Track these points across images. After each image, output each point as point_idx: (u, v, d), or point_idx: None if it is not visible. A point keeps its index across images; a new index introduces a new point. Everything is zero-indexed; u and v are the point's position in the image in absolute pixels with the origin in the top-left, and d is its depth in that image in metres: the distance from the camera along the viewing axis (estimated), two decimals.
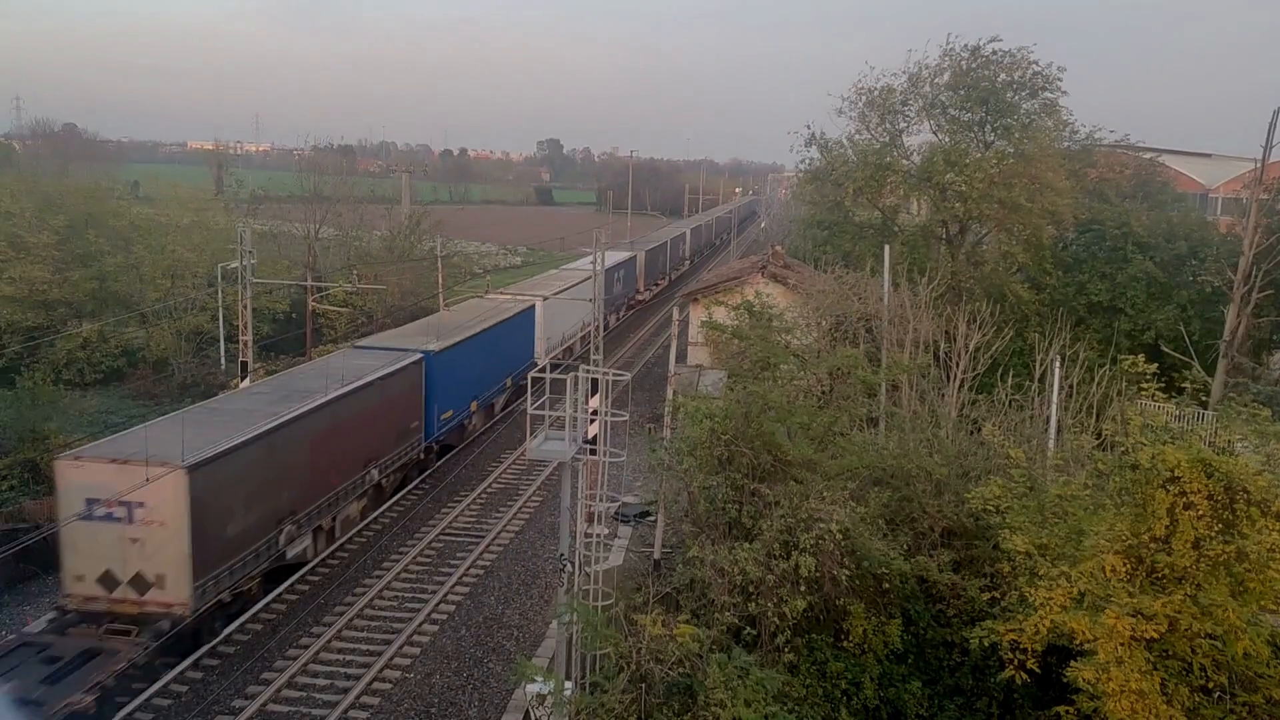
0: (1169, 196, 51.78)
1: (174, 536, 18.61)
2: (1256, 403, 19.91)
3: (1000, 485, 16.41)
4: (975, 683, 16.42)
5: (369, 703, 18.36)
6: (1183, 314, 36.23)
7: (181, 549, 18.68)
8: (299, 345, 39.79)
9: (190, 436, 19.16)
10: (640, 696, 13.81)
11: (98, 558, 18.75)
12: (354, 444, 25.36)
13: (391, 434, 27.71)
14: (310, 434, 23.03)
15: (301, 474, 22.85)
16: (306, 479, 23.10)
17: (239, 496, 20.37)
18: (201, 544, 19.01)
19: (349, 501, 25.67)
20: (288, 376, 27.06)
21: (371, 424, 26.23)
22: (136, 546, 18.67)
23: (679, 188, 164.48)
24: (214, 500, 19.38)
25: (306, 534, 23.53)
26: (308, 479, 23.15)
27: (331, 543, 25.13)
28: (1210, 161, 68.27)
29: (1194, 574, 12.46)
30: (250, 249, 30.06)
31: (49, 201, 44.36)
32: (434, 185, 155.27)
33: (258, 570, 21.51)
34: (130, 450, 18.67)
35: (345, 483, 25.19)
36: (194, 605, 18.99)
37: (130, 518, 18.50)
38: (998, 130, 39.06)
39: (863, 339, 29.56)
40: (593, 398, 17.30)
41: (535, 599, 23.10)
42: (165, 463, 18.29)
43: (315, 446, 23.27)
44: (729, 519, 17.23)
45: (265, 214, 58.68)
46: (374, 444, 26.59)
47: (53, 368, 36.19)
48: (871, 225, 42.94)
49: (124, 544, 18.68)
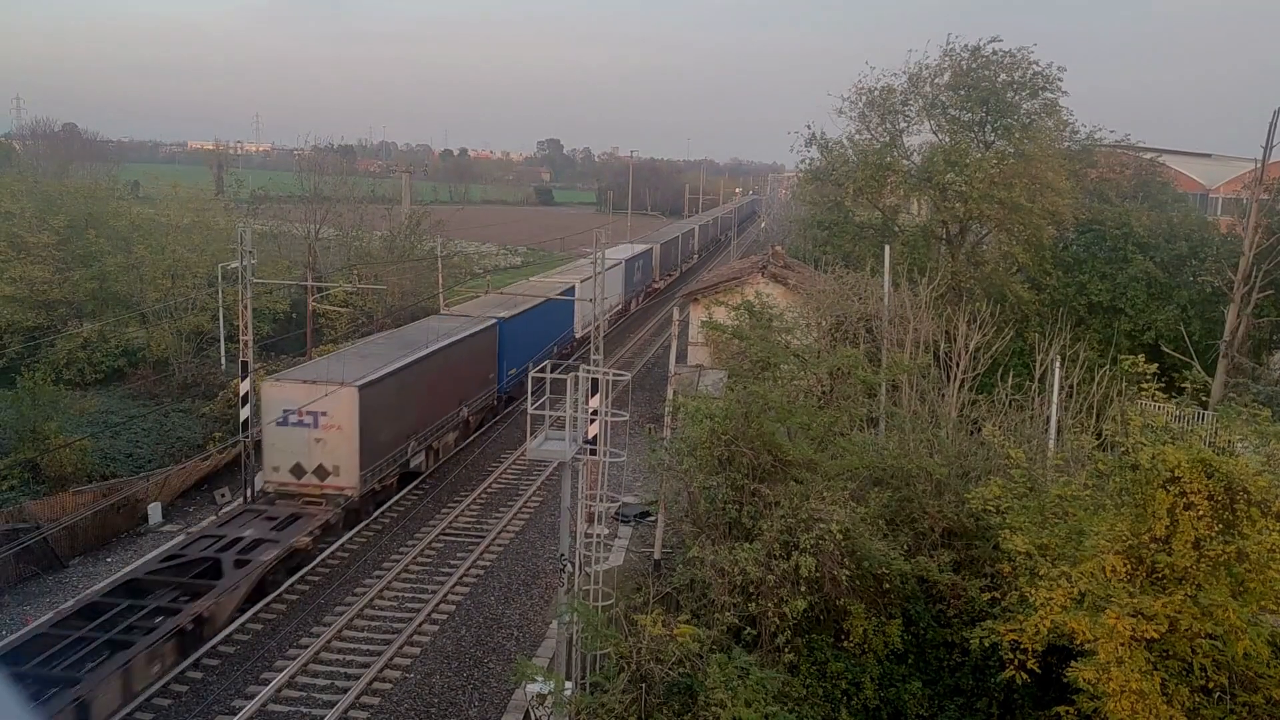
0: (1169, 196, 51.76)
1: (347, 438, 25.15)
2: (1257, 403, 19.89)
3: (1000, 485, 16.39)
4: (975, 683, 16.42)
5: (369, 703, 18.35)
6: (1183, 314, 36.22)
7: (353, 447, 25.20)
8: (299, 345, 39.78)
9: (350, 368, 26.14)
10: (640, 696, 13.82)
11: (290, 454, 25.42)
12: (451, 386, 31.73)
13: (476, 381, 34.12)
14: (426, 373, 29.42)
15: (421, 404, 29.26)
16: (423, 408, 29.53)
17: (386, 413, 26.69)
18: (365, 444, 25.47)
19: (447, 431, 31.85)
20: (399, 332, 34.32)
21: (463, 371, 32.66)
22: (319, 445, 25.23)
23: (679, 188, 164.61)
24: (373, 413, 25.76)
25: (422, 450, 29.73)
26: (424, 408, 29.56)
27: (436, 460, 31.35)
28: (1210, 161, 68.29)
29: (1194, 574, 12.46)
30: (250, 249, 29.98)
31: (49, 201, 44.33)
32: (434, 185, 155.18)
33: (394, 471, 27.79)
34: (315, 374, 25.80)
35: (446, 415, 31.47)
36: (360, 489, 25.55)
37: (315, 424, 25.03)
38: (998, 130, 39.05)
39: (863, 339, 29.55)
40: (593, 398, 17.31)
41: (535, 599, 23.09)
42: (344, 383, 25.00)
43: (429, 384, 29.73)
44: (729, 519, 17.22)
45: (265, 214, 58.61)
46: (464, 388, 32.93)
47: (53, 368, 36.18)
48: (872, 225, 42.92)
49: (310, 443, 25.23)
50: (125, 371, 39.07)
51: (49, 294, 40.10)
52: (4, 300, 38.84)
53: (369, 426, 25.54)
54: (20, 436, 28.74)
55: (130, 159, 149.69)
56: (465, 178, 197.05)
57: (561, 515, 16.80)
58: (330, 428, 25.03)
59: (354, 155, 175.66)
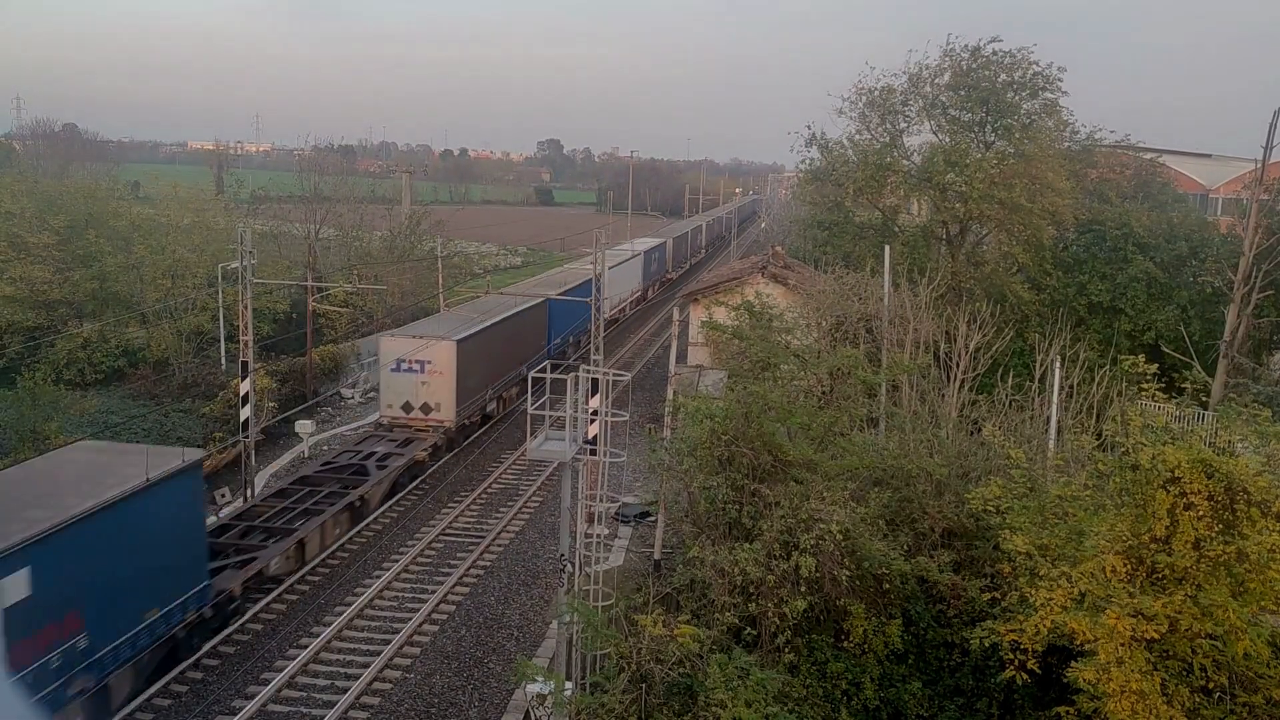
0: (1169, 197, 51.77)
1: (447, 382, 32.04)
2: (1257, 403, 19.85)
3: (1000, 486, 16.38)
4: (975, 683, 16.42)
5: (369, 703, 18.36)
6: (1183, 314, 36.23)
7: (451, 389, 32.10)
8: (300, 345, 39.79)
9: (446, 328, 33.65)
10: (641, 697, 13.82)
11: (401, 394, 32.34)
12: (515, 348, 38.41)
13: (532, 346, 40.69)
14: (500, 336, 36.01)
15: (495, 360, 35.90)
16: (496, 364, 36.19)
17: (474, 364, 33.53)
18: (460, 387, 32.31)
19: (511, 385, 38.60)
20: (471, 304, 42.69)
21: (523, 337, 39.41)
22: (425, 387, 32.09)
23: (679, 188, 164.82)
24: (466, 363, 32.63)
25: (495, 398, 36.28)
26: (497, 364, 36.24)
27: (504, 408, 38.07)
28: (1210, 162, 68.30)
29: (1194, 574, 12.46)
30: (250, 249, 29.99)
31: (49, 201, 44.34)
32: (434, 185, 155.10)
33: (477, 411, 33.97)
34: (422, 331, 33.61)
35: (511, 372, 38.07)
36: (455, 422, 32.62)
37: (422, 370, 31.82)
38: (998, 130, 39.04)
39: (863, 339, 29.55)
40: (593, 398, 17.31)
41: (535, 599, 23.09)
42: (445, 337, 31.99)
43: (501, 344, 36.36)
44: (729, 519, 17.22)
45: (265, 214, 58.64)
46: (523, 350, 39.39)
47: (53, 368, 36.18)
48: (872, 225, 42.91)
49: (417, 385, 32.10)
50: (125, 371, 39.07)
51: (49, 294, 40.10)
52: (4, 300, 38.83)
53: (463, 373, 32.41)
54: (20, 437, 28.74)
55: (130, 159, 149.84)
56: (465, 178, 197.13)
57: (561, 515, 16.80)
58: (434, 373, 31.88)
59: (354, 155, 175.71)
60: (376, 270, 49.59)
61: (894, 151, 40.13)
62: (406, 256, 54.14)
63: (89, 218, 42.95)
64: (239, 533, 23.76)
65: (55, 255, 40.90)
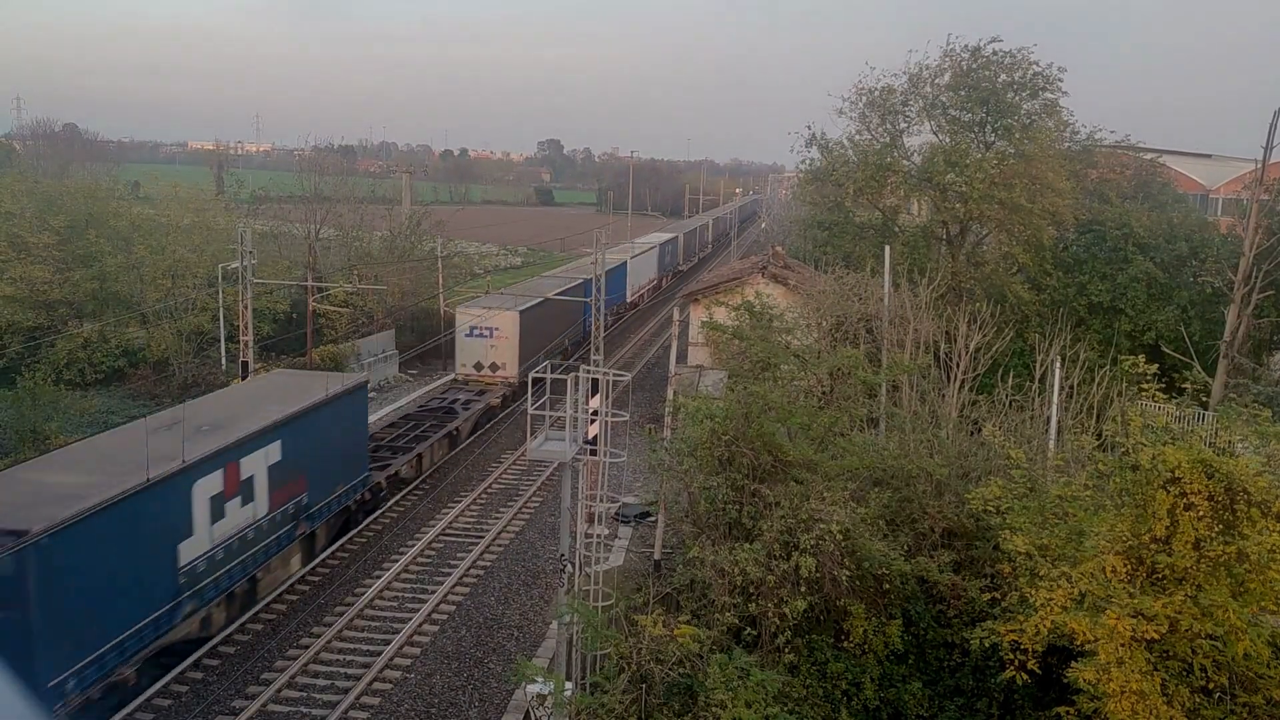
0: (1169, 197, 51.75)
1: (512, 345, 39.37)
2: (1257, 403, 19.85)
3: (1000, 486, 16.38)
4: (976, 683, 16.41)
5: (369, 703, 18.35)
6: (1183, 314, 36.22)
7: (515, 351, 39.40)
8: (300, 345, 39.81)
9: (509, 301, 40.77)
10: (641, 697, 13.82)
11: (473, 355, 39.78)
12: (560, 321, 45.78)
13: (573, 318, 47.68)
14: (550, 309, 43.12)
15: (546, 329, 43.14)
16: (547, 332, 43.31)
17: (532, 331, 40.61)
18: (522, 350, 39.42)
19: (556, 353, 44.18)
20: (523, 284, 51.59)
21: (566, 312, 45.88)
22: (493, 349, 39.41)
23: (679, 188, 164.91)
24: (526, 330, 39.92)
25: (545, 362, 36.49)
26: (547, 332, 43.50)
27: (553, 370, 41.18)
28: (1210, 162, 68.31)
29: (1194, 575, 12.45)
30: (251, 249, 30.11)
31: (49, 201, 44.35)
32: (434, 185, 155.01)
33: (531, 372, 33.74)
34: (490, 303, 40.58)
35: (558, 339, 45.61)
36: (517, 379, 39.14)
37: (490, 335, 39.18)
38: (998, 130, 39.04)
39: (863, 339, 29.55)
40: (593, 398, 17.30)
41: (535, 599, 23.09)
42: (510, 309, 39.50)
43: (552, 316, 43.75)
44: (729, 519, 17.21)
45: (265, 214, 58.63)
46: (566, 323, 46.88)
47: (53, 368, 36.20)
48: (872, 226, 42.92)
49: (487, 348, 39.48)
50: (126, 372, 39.10)
51: (49, 294, 40.10)
52: (4, 300, 38.84)
53: (524, 338, 39.63)
54: (21, 437, 28.75)
55: (130, 159, 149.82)
56: (465, 178, 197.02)
57: (561, 515, 16.80)
58: (500, 338, 39.15)
59: (354, 155, 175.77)
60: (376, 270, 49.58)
61: (894, 152, 40.13)
62: (406, 257, 54.13)
63: (89, 218, 42.97)
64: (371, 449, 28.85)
65: (55, 255, 40.90)
